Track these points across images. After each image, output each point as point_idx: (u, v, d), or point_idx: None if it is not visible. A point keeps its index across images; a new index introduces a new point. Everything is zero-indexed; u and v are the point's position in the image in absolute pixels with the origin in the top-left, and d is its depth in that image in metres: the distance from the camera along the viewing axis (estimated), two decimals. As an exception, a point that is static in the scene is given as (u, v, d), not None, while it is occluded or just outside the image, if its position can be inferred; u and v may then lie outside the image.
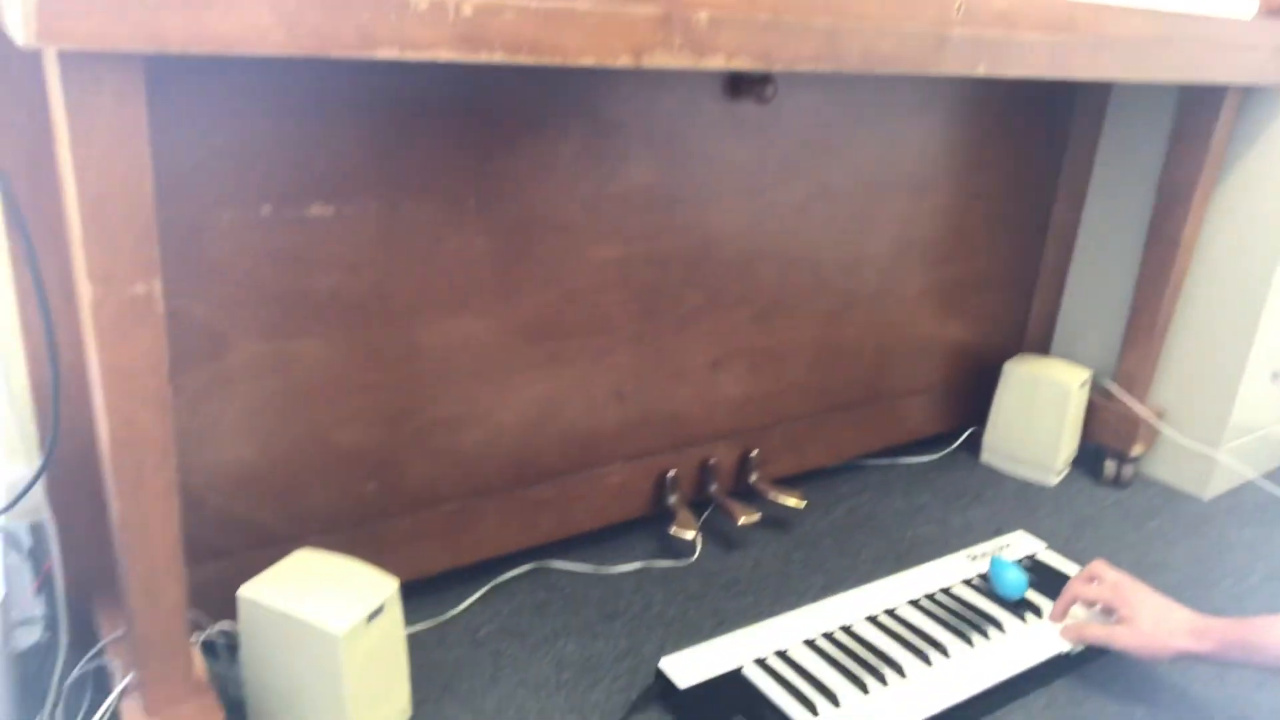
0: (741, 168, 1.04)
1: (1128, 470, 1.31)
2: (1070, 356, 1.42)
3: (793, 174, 1.09)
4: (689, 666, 0.86)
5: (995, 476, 1.33)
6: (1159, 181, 1.24)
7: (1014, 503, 1.26)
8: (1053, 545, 1.13)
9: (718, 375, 1.13)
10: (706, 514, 1.17)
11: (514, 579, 1.03)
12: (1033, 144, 1.30)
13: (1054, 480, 1.31)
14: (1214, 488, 1.30)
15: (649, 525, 1.14)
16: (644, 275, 1.02)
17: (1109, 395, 1.33)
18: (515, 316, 0.95)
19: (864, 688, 0.84)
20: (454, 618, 0.96)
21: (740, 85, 0.97)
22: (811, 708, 0.81)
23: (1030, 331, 1.44)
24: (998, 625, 0.94)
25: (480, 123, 0.86)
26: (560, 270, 0.96)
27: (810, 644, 0.90)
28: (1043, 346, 1.46)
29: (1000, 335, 1.41)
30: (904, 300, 1.27)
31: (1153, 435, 1.32)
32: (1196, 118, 1.18)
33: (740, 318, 1.12)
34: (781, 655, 0.88)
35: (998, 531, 1.17)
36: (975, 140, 1.23)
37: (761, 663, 0.87)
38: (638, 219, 0.99)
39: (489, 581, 1.02)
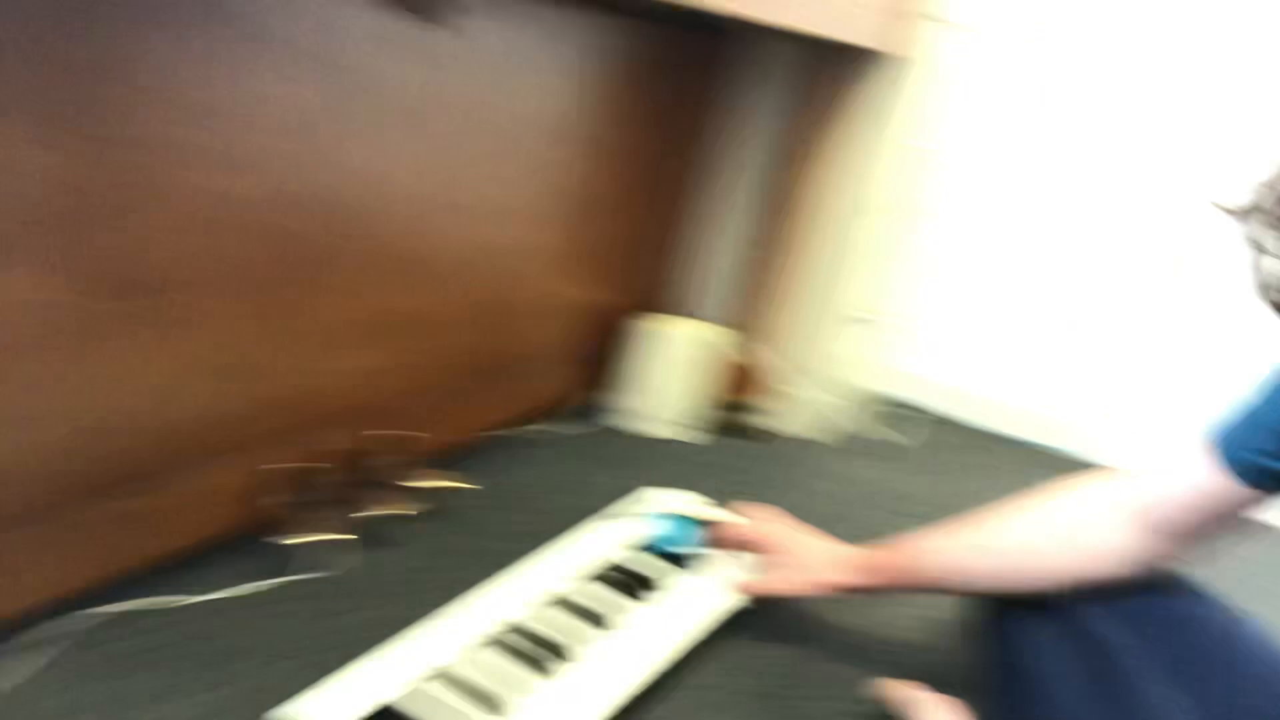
0: (402, 101, 0.86)
1: (758, 422, 1.34)
2: (703, 315, 1.42)
3: (459, 114, 0.93)
4: (325, 714, 0.67)
5: (634, 439, 1.28)
6: (778, 144, 1.27)
7: (657, 463, 1.22)
8: (699, 500, 1.10)
9: (347, 343, 0.93)
10: (338, 512, 0.97)
11: (91, 629, 0.76)
12: (679, 104, 1.26)
13: (688, 437, 1.30)
14: (831, 433, 1.37)
15: (264, 535, 0.92)
16: (274, 219, 0.80)
17: (739, 351, 1.35)
18: (91, 266, 0.68)
19: (534, 684, 0.73)
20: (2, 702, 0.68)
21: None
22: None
23: (663, 291, 1.42)
24: (664, 586, 0.88)
25: (80, 11, 0.59)
26: (164, 205, 0.71)
27: (468, 651, 0.76)
28: (676, 306, 1.45)
29: (635, 295, 1.36)
30: (546, 259, 1.16)
31: (776, 388, 1.36)
32: (818, 79, 1.22)
33: (380, 274, 0.93)
34: (438, 674, 0.73)
35: (644, 493, 1.11)
36: (626, 94, 1.16)
37: (414, 690, 0.71)
38: (273, 148, 0.77)
39: (49, 638, 0.74)
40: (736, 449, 1.31)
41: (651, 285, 1.40)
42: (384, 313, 0.96)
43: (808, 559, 0.87)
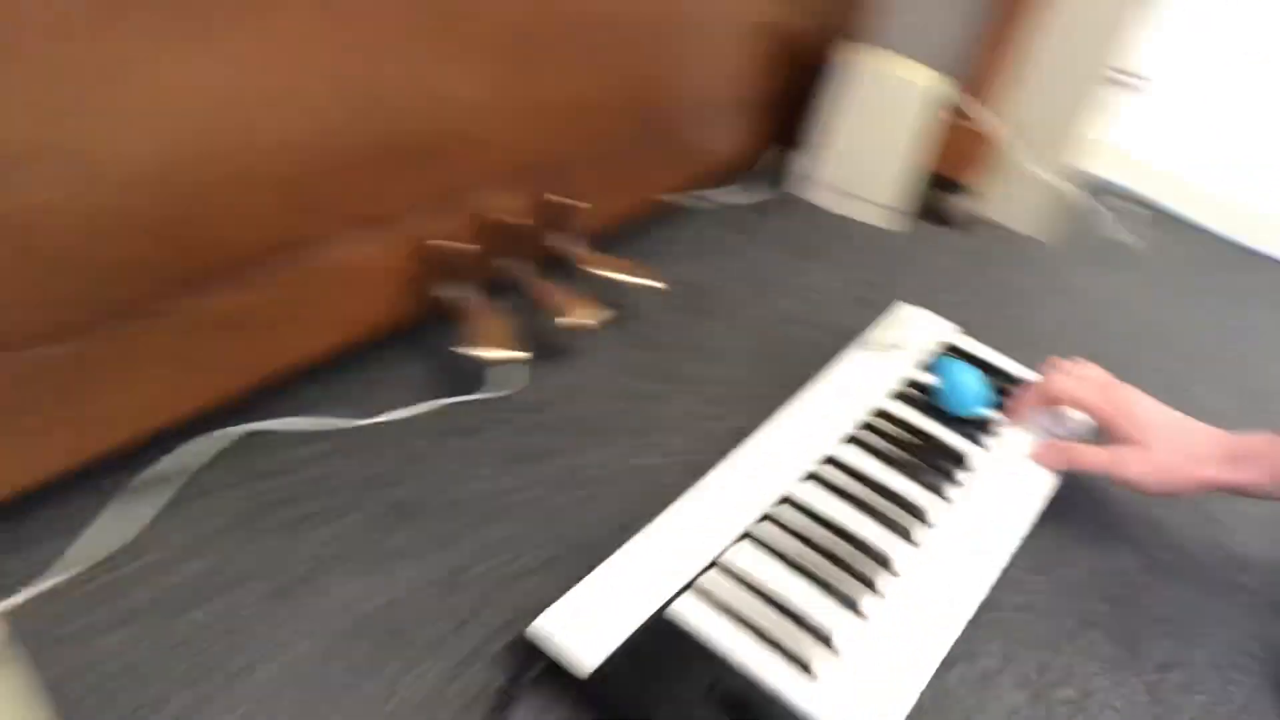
0: None
1: (967, 206, 1.08)
2: (916, 53, 1.09)
3: None
4: (579, 629, 0.49)
5: (817, 216, 1.03)
6: None
7: (851, 253, 0.98)
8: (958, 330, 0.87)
9: (504, 62, 0.67)
10: (508, 307, 0.75)
11: (211, 466, 0.57)
12: None
13: (882, 218, 1.04)
14: (1051, 228, 1.11)
15: (425, 335, 0.71)
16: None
17: (957, 109, 1.05)
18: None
19: (856, 608, 0.55)
20: (110, 562, 0.50)
21: None
22: (803, 665, 0.50)
23: (853, 18, 1.09)
24: (967, 463, 0.67)
25: None
26: None
27: (752, 539, 0.57)
28: (882, 37, 1.11)
29: (822, 21, 1.05)
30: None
31: (998, 164, 1.07)
32: None
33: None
34: (721, 569, 0.55)
35: (869, 302, 0.88)
36: None
37: (696, 589, 0.53)
38: None
39: (167, 480, 0.55)
40: (938, 239, 1.05)
41: (845, 11, 1.08)
42: (525, 27, 0.69)
43: (1184, 443, 0.65)
